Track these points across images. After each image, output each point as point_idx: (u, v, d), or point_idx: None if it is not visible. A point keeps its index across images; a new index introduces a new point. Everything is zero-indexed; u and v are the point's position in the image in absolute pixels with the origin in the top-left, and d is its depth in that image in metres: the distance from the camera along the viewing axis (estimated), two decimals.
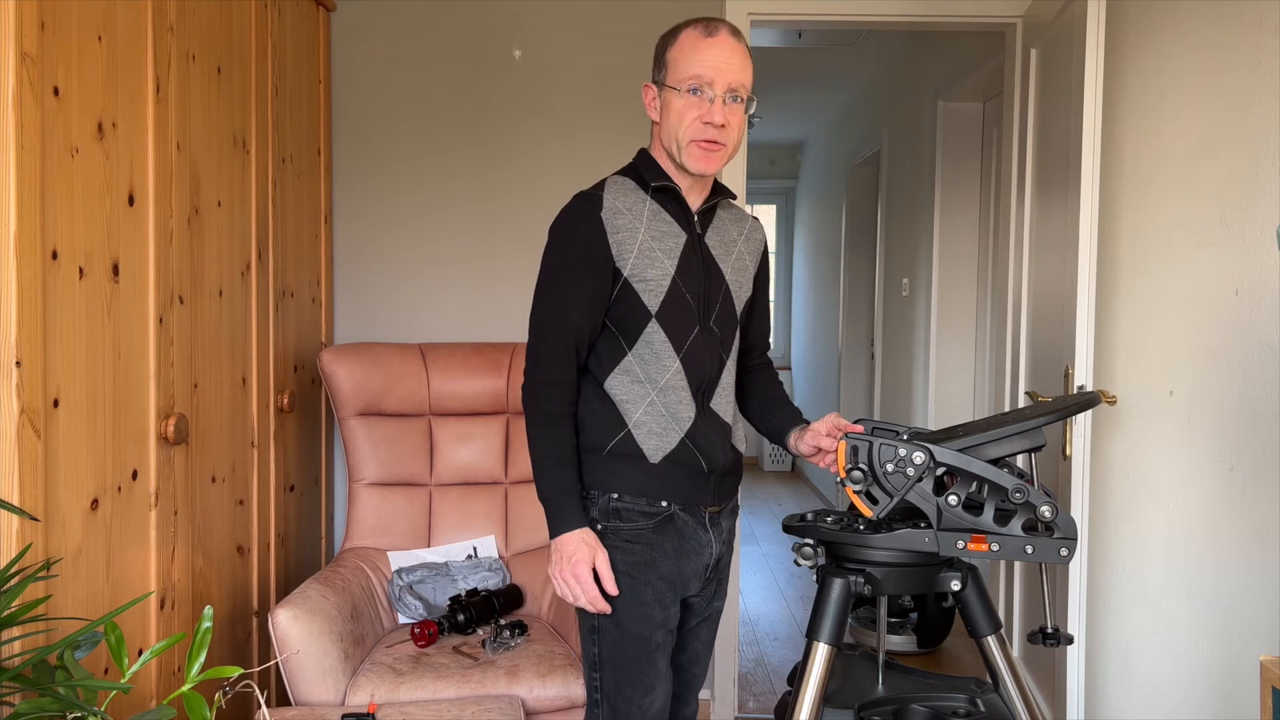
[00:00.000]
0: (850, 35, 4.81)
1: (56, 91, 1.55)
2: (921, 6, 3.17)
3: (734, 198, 1.86)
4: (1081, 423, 2.44)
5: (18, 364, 1.45)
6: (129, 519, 1.80)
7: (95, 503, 1.68)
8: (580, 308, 1.69)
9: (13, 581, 1.32)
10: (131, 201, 1.80)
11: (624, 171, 1.80)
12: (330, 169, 3.14)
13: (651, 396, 1.73)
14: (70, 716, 1.20)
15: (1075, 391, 2.37)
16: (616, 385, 1.73)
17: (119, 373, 1.76)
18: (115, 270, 1.74)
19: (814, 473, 7.17)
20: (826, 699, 1.62)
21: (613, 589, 1.69)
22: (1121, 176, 2.50)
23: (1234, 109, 2.00)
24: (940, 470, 1.53)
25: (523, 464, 2.95)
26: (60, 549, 1.57)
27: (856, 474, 1.54)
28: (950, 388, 4.46)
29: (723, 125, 1.67)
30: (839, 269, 6.41)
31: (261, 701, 1.37)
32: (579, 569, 1.67)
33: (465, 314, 3.23)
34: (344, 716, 2.09)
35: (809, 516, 1.68)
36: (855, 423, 1.71)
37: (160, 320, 1.90)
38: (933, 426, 4.35)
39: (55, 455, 1.56)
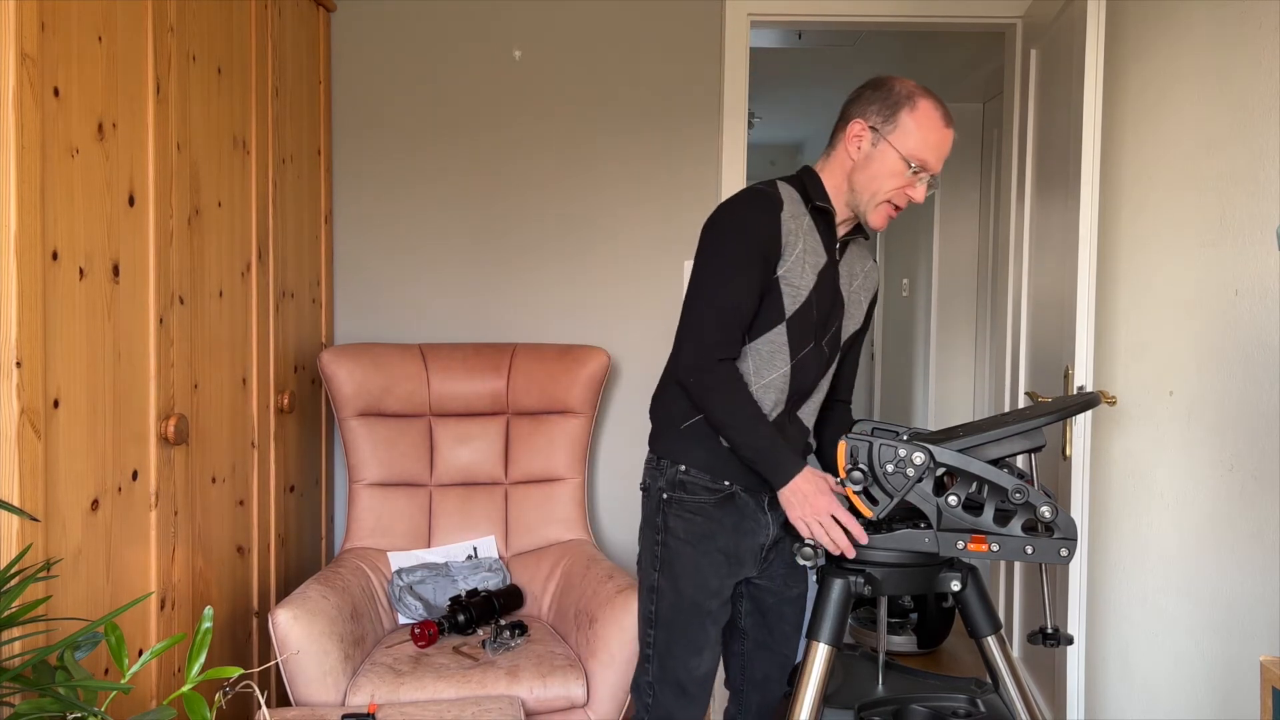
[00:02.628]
0: (850, 35, 4.81)
1: (56, 92, 1.55)
2: (921, 6, 3.17)
3: (868, 238, 1.94)
4: (1081, 423, 2.44)
5: (18, 364, 1.45)
6: (129, 519, 1.80)
7: (95, 503, 1.68)
8: (751, 295, 1.76)
9: (13, 582, 1.32)
10: (132, 202, 1.80)
11: (790, 181, 1.85)
12: (330, 169, 3.14)
13: (750, 390, 1.79)
14: (70, 717, 1.20)
15: (1076, 391, 2.37)
16: None
17: (119, 373, 1.76)
18: (115, 271, 1.74)
19: None
20: (826, 699, 1.63)
21: (861, 534, 1.63)
22: (1121, 177, 2.50)
23: (1234, 109, 2.00)
24: (940, 471, 1.53)
25: (523, 464, 2.95)
26: (60, 549, 1.57)
27: (856, 474, 1.54)
28: (950, 388, 4.46)
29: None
30: None
31: (261, 702, 1.37)
32: (834, 508, 1.63)
33: (465, 314, 3.23)
34: (344, 717, 2.09)
35: None
36: (855, 423, 1.71)
37: (160, 320, 1.90)
38: (933, 427, 4.35)
39: (55, 455, 1.56)
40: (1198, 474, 2.11)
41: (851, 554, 1.63)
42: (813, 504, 1.65)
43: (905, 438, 1.59)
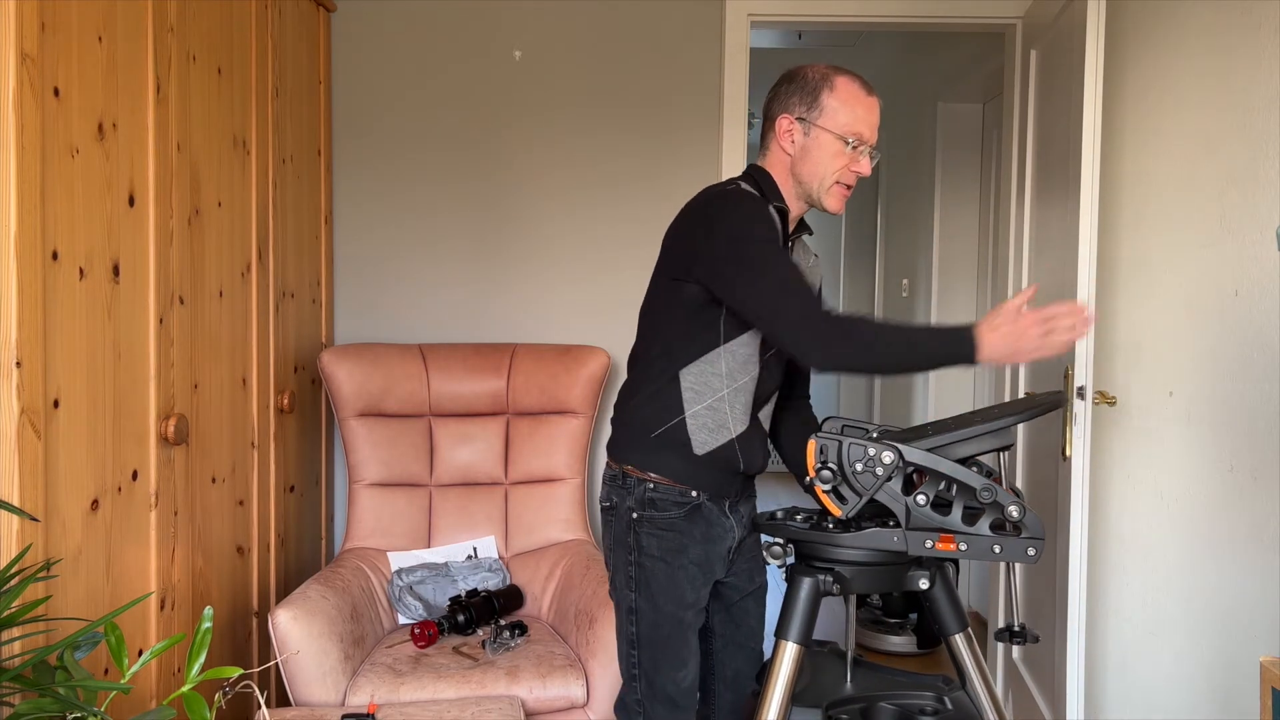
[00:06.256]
0: (850, 36, 4.81)
1: (56, 92, 1.55)
2: (921, 7, 3.17)
3: (810, 234, 1.95)
4: (1081, 423, 2.44)
5: (18, 364, 1.45)
6: (129, 519, 1.80)
7: (95, 503, 1.68)
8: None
9: (13, 582, 1.32)
10: (132, 202, 1.80)
11: (745, 182, 1.84)
12: (330, 169, 3.14)
13: (723, 393, 1.79)
14: (70, 717, 1.20)
15: (1076, 390, 2.37)
16: (694, 373, 1.79)
17: (119, 373, 1.76)
18: (115, 270, 1.74)
19: None
20: (795, 698, 1.64)
21: (1078, 309, 1.59)
22: (1121, 177, 2.51)
23: (1234, 109, 2.00)
24: (909, 469, 1.54)
25: (523, 464, 2.95)
26: (60, 549, 1.57)
27: (825, 473, 1.55)
28: (950, 388, 4.46)
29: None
30: (839, 269, 6.41)
31: (261, 702, 1.37)
32: (1030, 320, 1.56)
33: (465, 314, 3.23)
34: (344, 717, 2.09)
35: (778, 514, 1.69)
36: (824, 421, 1.71)
37: (160, 320, 1.90)
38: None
39: (55, 455, 1.56)
40: (1198, 474, 2.11)
41: (1083, 334, 1.58)
42: (1015, 339, 1.56)
43: (874, 435, 1.59)
